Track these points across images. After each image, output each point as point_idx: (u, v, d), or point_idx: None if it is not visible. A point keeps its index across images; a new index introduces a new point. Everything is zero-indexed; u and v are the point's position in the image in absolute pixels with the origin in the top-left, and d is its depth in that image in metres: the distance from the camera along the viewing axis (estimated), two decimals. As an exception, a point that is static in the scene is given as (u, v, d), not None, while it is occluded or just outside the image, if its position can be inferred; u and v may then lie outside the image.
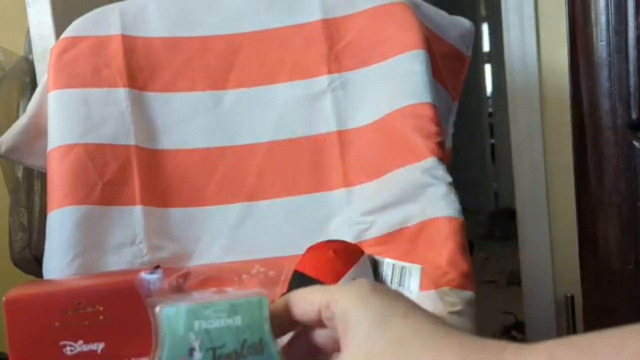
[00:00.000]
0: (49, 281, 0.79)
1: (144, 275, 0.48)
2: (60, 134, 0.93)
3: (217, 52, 0.99)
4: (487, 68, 3.98)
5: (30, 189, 1.36)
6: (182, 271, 0.43)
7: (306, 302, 0.38)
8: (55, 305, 0.52)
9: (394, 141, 0.91)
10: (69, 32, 0.99)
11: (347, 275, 0.77)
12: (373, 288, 0.36)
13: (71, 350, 0.52)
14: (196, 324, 0.38)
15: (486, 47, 3.88)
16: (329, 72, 0.97)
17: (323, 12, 0.99)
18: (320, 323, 0.38)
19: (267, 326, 0.39)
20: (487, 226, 3.36)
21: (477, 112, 3.98)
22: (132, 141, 0.94)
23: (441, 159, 0.88)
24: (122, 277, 0.61)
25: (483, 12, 3.94)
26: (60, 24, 1.30)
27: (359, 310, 0.35)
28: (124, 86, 0.96)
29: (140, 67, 0.98)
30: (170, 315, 0.39)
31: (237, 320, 0.39)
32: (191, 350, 0.38)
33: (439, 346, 0.33)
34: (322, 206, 0.93)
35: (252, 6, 1.01)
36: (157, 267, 0.60)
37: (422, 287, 0.80)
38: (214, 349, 0.38)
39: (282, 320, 0.39)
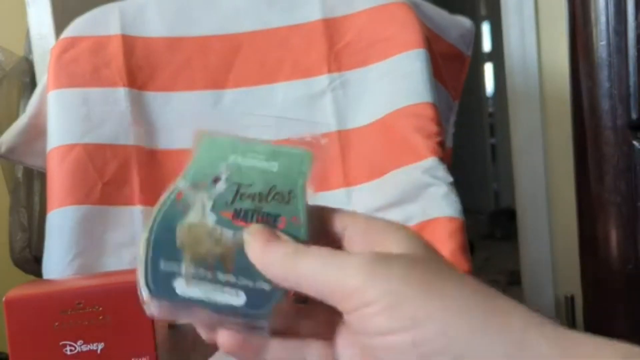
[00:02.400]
0: (49, 281, 0.79)
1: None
2: (60, 134, 0.93)
3: (217, 52, 0.99)
4: (487, 68, 3.98)
5: (30, 189, 1.36)
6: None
7: (338, 217, 0.36)
8: (55, 305, 0.52)
9: (395, 141, 0.91)
10: (68, 32, 0.99)
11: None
12: (406, 229, 0.35)
13: (71, 350, 0.52)
14: (231, 157, 0.37)
15: (486, 47, 3.88)
16: (329, 71, 0.97)
17: (323, 11, 0.99)
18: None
19: (301, 181, 0.37)
20: (488, 226, 3.36)
21: (477, 112, 3.98)
22: (131, 141, 0.94)
23: (442, 159, 0.88)
24: (122, 277, 0.61)
25: (483, 12, 3.93)
26: (60, 24, 1.30)
27: (389, 236, 0.33)
28: (123, 86, 0.95)
29: (140, 66, 0.97)
30: (209, 140, 0.38)
31: (273, 166, 0.37)
32: (216, 179, 0.36)
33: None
34: (322, 206, 0.93)
35: (252, 6, 1.01)
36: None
37: (422, 287, 0.80)
38: (239, 185, 0.36)
39: (320, 222, 0.37)
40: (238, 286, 0.34)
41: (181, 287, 0.34)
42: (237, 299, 0.34)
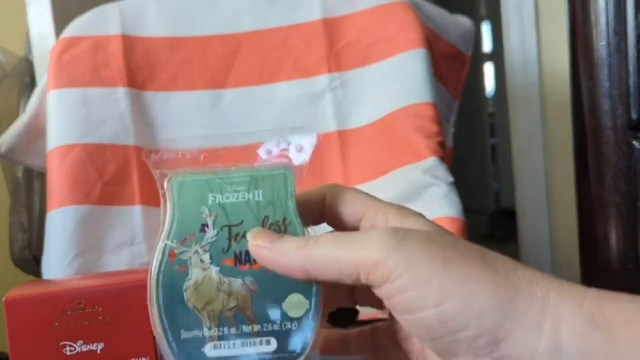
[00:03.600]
0: (49, 281, 0.79)
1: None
2: (60, 134, 0.93)
3: (217, 52, 0.99)
4: (488, 68, 3.98)
5: (30, 189, 1.36)
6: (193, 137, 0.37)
7: (352, 205, 0.35)
8: (55, 305, 0.52)
9: (395, 141, 0.91)
10: (68, 32, 0.99)
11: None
12: (419, 213, 0.35)
13: (71, 351, 0.52)
14: (210, 197, 0.33)
15: (486, 47, 3.88)
16: (329, 71, 0.97)
17: (323, 11, 0.99)
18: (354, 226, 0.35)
19: (292, 203, 0.34)
20: (488, 226, 3.35)
21: (477, 112, 3.98)
22: (131, 141, 0.94)
23: (442, 159, 0.88)
24: (122, 277, 0.61)
25: (483, 12, 3.93)
26: (60, 24, 1.30)
27: (405, 218, 0.33)
28: (123, 86, 0.96)
29: (140, 66, 0.98)
30: (181, 186, 0.34)
31: (258, 195, 0.34)
32: (203, 227, 0.33)
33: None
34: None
35: (252, 6, 1.01)
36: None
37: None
38: (229, 227, 0.33)
39: (315, 211, 0.35)
40: (265, 333, 0.33)
41: (210, 351, 0.33)
42: (269, 346, 0.33)
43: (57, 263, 0.87)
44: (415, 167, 0.87)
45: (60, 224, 0.88)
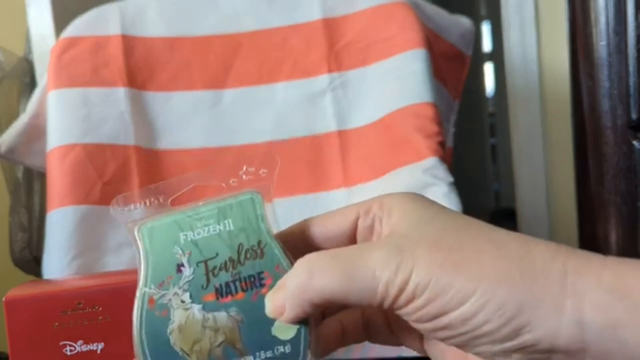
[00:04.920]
0: (49, 281, 0.79)
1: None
2: (59, 134, 0.93)
3: (217, 52, 0.99)
4: (487, 68, 3.98)
5: (30, 189, 1.36)
6: (156, 187, 0.37)
7: (340, 215, 0.34)
8: (55, 305, 0.52)
9: (395, 141, 0.91)
10: (68, 32, 0.99)
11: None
12: (419, 195, 0.33)
13: (71, 351, 0.52)
14: (181, 237, 0.33)
15: (486, 47, 3.88)
16: (329, 71, 0.97)
17: (323, 11, 0.99)
18: (351, 240, 0.34)
19: (264, 225, 0.34)
20: (487, 226, 3.35)
21: (477, 112, 3.98)
22: (131, 141, 0.94)
23: (442, 159, 0.88)
24: (122, 277, 0.61)
25: (483, 12, 3.93)
26: (60, 24, 1.30)
27: (408, 204, 0.32)
28: (123, 86, 0.95)
29: (140, 66, 0.98)
30: (151, 231, 0.33)
31: (229, 225, 0.33)
32: (179, 267, 0.33)
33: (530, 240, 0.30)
34: (322, 206, 0.93)
35: (252, 6, 1.01)
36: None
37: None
38: (205, 262, 0.33)
39: (298, 245, 0.35)
40: None
41: None
42: None
43: (57, 263, 0.87)
44: (415, 167, 0.87)
45: (60, 224, 0.88)
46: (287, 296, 0.31)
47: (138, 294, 0.33)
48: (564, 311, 0.27)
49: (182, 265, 0.33)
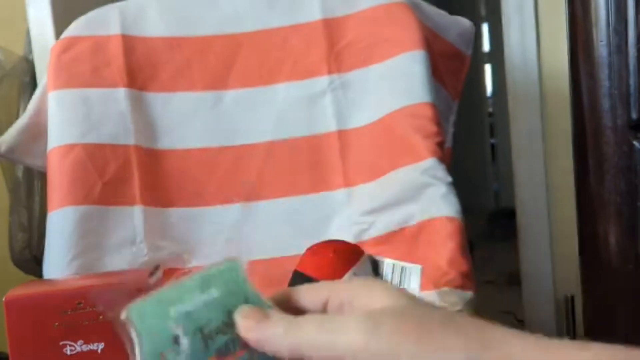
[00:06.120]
0: (49, 281, 0.79)
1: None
2: (60, 134, 0.93)
3: (217, 52, 0.99)
4: (487, 68, 3.98)
5: (30, 189, 1.36)
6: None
7: (314, 290, 0.37)
8: (55, 305, 0.52)
9: (394, 141, 0.91)
10: (69, 32, 0.99)
11: (347, 275, 0.77)
12: (384, 283, 0.36)
13: (71, 351, 0.52)
14: (172, 311, 0.34)
15: (486, 47, 3.88)
16: (329, 72, 0.97)
17: (323, 11, 0.99)
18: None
19: (248, 287, 0.35)
20: (487, 226, 3.35)
21: (477, 112, 3.98)
22: (132, 141, 0.94)
23: (441, 159, 0.88)
24: (121, 277, 0.61)
25: (483, 12, 3.94)
26: (60, 24, 1.30)
27: (371, 293, 0.34)
28: (123, 86, 0.95)
29: (140, 66, 0.98)
30: (141, 311, 0.34)
31: (214, 292, 0.35)
32: (176, 339, 0.33)
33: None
34: (322, 206, 0.93)
35: (252, 6, 1.01)
36: (157, 267, 0.60)
37: (422, 287, 0.80)
38: (200, 329, 0.34)
39: (284, 309, 0.37)
40: None
41: None
42: None
43: (58, 263, 0.87)
44: (414, 168, 0.87)
45: (60, 224, 0.88)
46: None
47: None
48: None
49: (179, 337, 0.33)
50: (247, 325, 0.34)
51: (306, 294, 0.36)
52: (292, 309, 0.36)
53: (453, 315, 0.33)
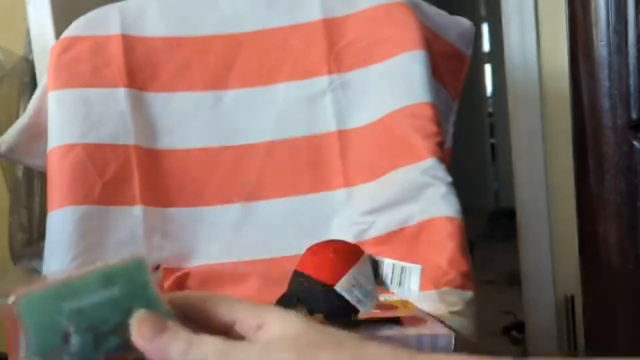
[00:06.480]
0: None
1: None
2: (60, 134, 0.93)
3: (217, 52, 0.99)
4: (487, 68, 3.99)
5: (30, 188, 1.36)
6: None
7: (229, 306, 0.37)
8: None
9: (394, 141, 0.91)
10: (69, 32, 0.99)
11: (347, 275, 0.77)
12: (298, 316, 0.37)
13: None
14: (65, 306, 0.32)
15: (486, 47, 3.89)
16: (329, 72, 0.97)
17: (323, 11, 0.99)
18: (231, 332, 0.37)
19: (151, 290, 0.34)
20: (487, 226, 3.35)
21: (477, 112, 3.98)
22: (132, 141, 0.94)
23: (441, 159, 0.88)
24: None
25: (483, 12, 3.94)
26: (60, 24, 1.30)
27: (282, 323, 0.35)
28: (123, 86, 0.95)
29: (140, 66, 0.97)
30: (30, 303, 0.32)
31: (115, 291, 0.33)
32: (66, 336, 0.32)
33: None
34: (322, 206, 0.93)
35: (252, 6, 1.01)
36: (157, 267, 0.60)
37: (422, 287, 0.80)
38: (93, 328, 0.32)
39: (187, 313, 0.37)
40: None
41: None
42: None
43: (57, 263, 0.87)
44: (414, 168, 0.87)
45: (60, 224, 0.88)
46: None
47: None
48: None
49: (69, 334, 0.32)
50: (143, 334, 0.33)
51: (219, 308, 0.36)
52: (199, 317, 0.36)
53: (344, 340, 0.34)
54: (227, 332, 0.36)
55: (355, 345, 0.33)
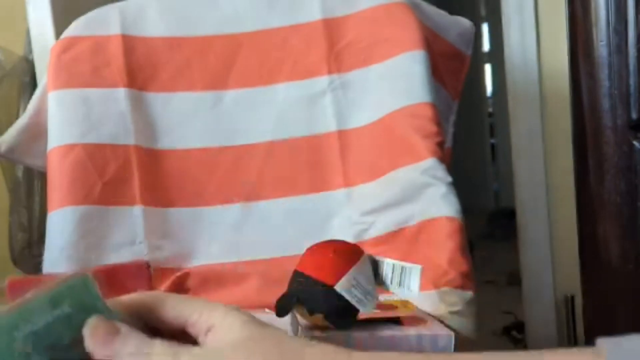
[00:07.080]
0: (50, 275, 0.79)
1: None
2: (60, 134, 0.93)
3: (217, 52, 0.99)
4: (487, 68, 3.99)
5: (30, 189, 1.36)
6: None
7: (182, 307, 0.37)
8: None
9: (394, 141, 0.91)
10: (69, 32, 0.99)
11: (347, 275, 0.77)
12: (243, 316, 0.37)
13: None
14: (18, 334, 0.33)
15: (486, 47, 3.89)
16: (329, 72, 0.97)
17: (323, 11, 0.99)
18: (182, 333, 0.38)
19: (100, 303, 0.35)
20: (487, 226, 3.35)
21: (477, 112, 3.98)
22: (132, 141, 0.94)
23: (441, 159, 0.88)
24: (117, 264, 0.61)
25: (483, 12, 3.94)
26: (60, 24, 1.30)
27: (231, 327, 0.36)
28: (123, 86, 0.95)
29: (140, 66, 0.98)
30: None
31: (65, 308, 0.34)
32: (27, 356, 0.33)
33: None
34: (322, 206, 0.93)
35: (252, 6, 1.01)
36: (148, 265, 0.60)
37: (422, 287, 0.80)
38: (52, 346, 0.33)
39: (144, 316, 0.38)
40: None
41: None
42: None
43: (58, 263, 0.87)
44: (414, 168, 0.87)
45: (60, 224, 0.88)
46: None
47: None
48: None
49: (29, 354, 0.33)
50: (95, 341, 0.34)
51: (168, 309, 0.37)
52: (154, 319, 0.37)
53: (295, 345, 0.35)
54: (182, 331, 0.37)
55: (295, 350, 0.35)
